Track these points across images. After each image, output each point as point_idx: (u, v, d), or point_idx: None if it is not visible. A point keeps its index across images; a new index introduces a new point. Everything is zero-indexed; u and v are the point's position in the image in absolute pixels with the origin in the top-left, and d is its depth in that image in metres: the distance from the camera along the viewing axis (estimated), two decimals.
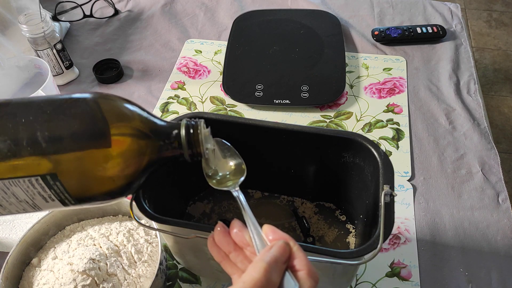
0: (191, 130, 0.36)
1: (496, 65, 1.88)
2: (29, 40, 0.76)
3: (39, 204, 0.34)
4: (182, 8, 1.00)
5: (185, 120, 0.36)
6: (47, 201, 0.34)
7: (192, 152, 0.36)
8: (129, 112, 0.35)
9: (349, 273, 0.47)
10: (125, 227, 0.54)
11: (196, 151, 0.36)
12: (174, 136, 0.36)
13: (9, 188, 0.32)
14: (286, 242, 0.33)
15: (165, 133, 0.36)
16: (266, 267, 0.31)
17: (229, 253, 0.37)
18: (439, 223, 0.61)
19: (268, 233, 0.35)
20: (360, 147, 0.49)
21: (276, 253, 0.32)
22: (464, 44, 0.88)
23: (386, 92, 0.80)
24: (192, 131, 0.36)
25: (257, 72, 0.81)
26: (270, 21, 0.91)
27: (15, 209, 0.35)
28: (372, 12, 0.96)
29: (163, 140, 0.35)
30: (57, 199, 0.34)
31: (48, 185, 0.32)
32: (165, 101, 0.80)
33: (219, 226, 0.37)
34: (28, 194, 0.33)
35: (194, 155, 0.36)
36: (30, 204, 0.34)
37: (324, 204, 0.60)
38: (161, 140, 0.35)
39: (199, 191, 0.62)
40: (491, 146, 0.70)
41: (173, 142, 0.36)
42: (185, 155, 0.36)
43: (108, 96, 0.35)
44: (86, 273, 0.48)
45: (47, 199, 0.34)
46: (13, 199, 0.34)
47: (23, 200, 0.34)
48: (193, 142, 0.36)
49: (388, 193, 0.42)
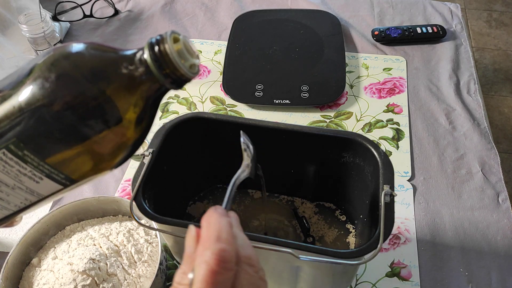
0: (156, 47, 0.27)
1: (496, 65, 1.88)
2: (29, 40, 0.76)
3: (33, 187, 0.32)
4: (182, 8, 1.00)
5: (149, 39, 0.28)
6: (36, 181, 0.31)
7: (171, 78, 0.28)
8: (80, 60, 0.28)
9: (349, 273, 0.47)
10: (125, 227, 0.54)
11: (175, 75, 0.28)
12: (139, 60, 0.28)
13: None
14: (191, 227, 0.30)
15: (127, 60, 0.28)
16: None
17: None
18: (439, 223, 0.61)
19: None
20: (360, 147, 0.49)
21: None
22: (464, 44, 0.88)
23: (386, 92, 0.80)
24: (158, 49, 0.27)
25: (257, 72, 0.81)
26: (270, 21, 0.91)
27: (18, 200, 0.33)
28: (372, 12, 0.96)
29: (126, 68, 0.28)
30: (44, 176, 0.30)
31: (19, 157, 0.29)
32: (165, 101, 0.80)
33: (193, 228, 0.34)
34: (11, 177, 0.30)
35: (176, 80, 0.28)
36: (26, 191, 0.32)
37: (324, 204, 0.60)
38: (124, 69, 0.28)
39: (199, 191, 0.62)
40: (491, 146, 0.70)
41: (139, 67, 0.28)
42: (163, 82, 0.28)
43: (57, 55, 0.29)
44: (86, 273, 0.48)
45: (34, 178, 0.31)
46: (4, 187, 0.31)
47: (15, 187, 0.31)
48: (166, 63, 0.27)
49: (388, 193, 0.42)
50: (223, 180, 0.62)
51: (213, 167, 0.58)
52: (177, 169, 0.55)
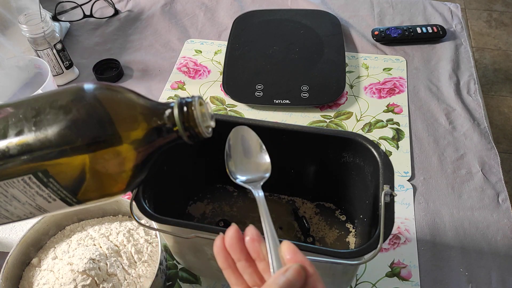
0: (185, 108, 0.32)
1: (496, 65, 1.88)
2: (29, 40, 0.76)
3: (43, 205, 0.34)
4: (182, 8, 1.00)
5: (179, 98, 0.33)
6: (49, 201, 0.33)
7: (190, 133, 0.33)
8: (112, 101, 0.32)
9: (349, 273, 0.47)
10: (125, 227, 0.54)
11: (194, 132, 0.33)
12: (168, 117, 0.33)
13: (7, 190, 0.32)
14: (302, 267, 0.30)
15: (157, 115, 0.33)
16: None
17: (238, 262, 0.33)
18: (439, 223, 0.61)
19: (286, 252, 0.31)
20: (360, 147, 0.49)
21: (291, 277, 0.29)
22: (464, 44, 0.88)
23: (386, 92, 0.80)
24: (186, 109, 0.32)
25: (257, 72, 0.81)
26: (270, 21, 0.91)
27: (22, 213, 0.34)
28: (372, 12, 0.96)
29: (155, 122, 0.32)
30: (58, 198, 0.33)
31: (43, 183, 0.32)
32: (165, 101, 0.80)
33: (233, 229, 0.33)
34: (27, 195, 0.33)
35: (193, 136, 0.33)
36: (34, 207, 0.34)
37: (324, 204, 0.60)
38: (154, 123, 0.32)
39: (199, 191, 0.62)
40: (491, 146, 0.70)
41: (167, 123, 0.32)
42: (182, 137, 0.33)
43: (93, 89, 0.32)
44: (86, 273, 0.48)
45: (48, 199, 0.33)
46: (15, 202, 0.33)
47: (25, 203, 0.33)
48: (189, 122, 0.32)
49: (388, 193, 0.42)
50: (223, 180, 0.62)
51: (213, 167, 0.58)
52: (177, 169, 0.55)
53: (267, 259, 0.32)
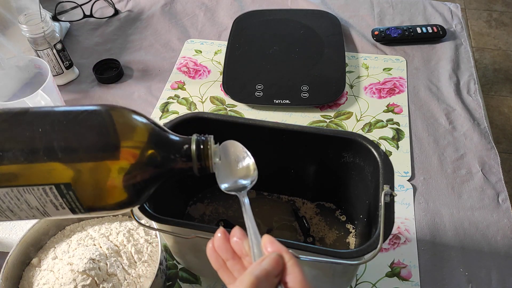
0: (201, 145, 0.37)
1: (496, 65, 1.88)
2: (29, 40, 0.76)
3: (49, 211, 0.35)
4: (182, 8, 1.00)
5: (195, 136, 0.38)
6: (58, 209, 0.35)
7: (201, 166, 0.38)
8: (141, 125, 0.36)
9: (349, 273, 0.47)
10: (125, 227, 0.54)
11: (205, 165, 0.38)
12: (185, 151, 0.37)
13: (22, 195, 0.33)
14: (279, 255, 0.32)
15: (176, 148, 0.37)
16: (253, 281, 0.30)
17: (227, 261, 0.36)
18: (439, 223, 0.61)
19: (267, 244, 0.34)
20: (360, 147, 0.49)
21: (267, 266, 0.31)
22: (464, 44, 0.88)
23: (386, 92, 0.80)
24: (202, 147, 0.37)
25: (257, 72, 0.81)
26: (270, 21, 0.91)
27: (24, 215, 0.36)
28: (372, 12, 0.96)
29: (173, 154, 0.37)
30: (68, 208, 0.35)
31: (61, 194, 0.33)
32: (165, 101, 0.80)
33: (220, 231, 0.36)
34: (40, 202, 0.34)
35: (203, 169, 0.38)
36: (40, 211, 0.35)
37: (324, 204, 0.60)
38: (171, 154, 0.37)
39: (199, 191, 0.62)
40: (491, 146, 0.70)
41: (184, 156, 0.37)
42: (194, 169, 0.38)
43: (122, 109, 0.36)
44: (86, 273, 0.48)
45: (58, 207, 0.35)
46: (24, 205, 0.34)
47: (34, 207, 0.35)
48: (203, 157, 0.37)
49: (388, 193, 0.42)
50: None
51: None
52: None
53: (250, 254, 0.34)
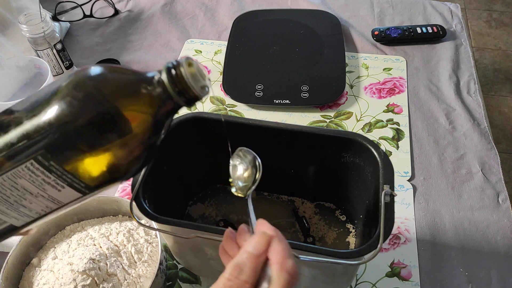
0: (173, 71, 0.32)
1: (496, 65, 1.88)
2: (29, 40, 0.76)
3: (55, 195, 0.34)
4: (182, 8, 1.00)
5: (166, 62, 0.32)
6: (58, 189, 0.34)
7: (186, 98, 0.32)
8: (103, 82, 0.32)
9: (349, 273, 0.47)
10: (125, 227, 0.54)
11: (189, 95, 0.32)
12: (157, 81, 0.32)
13: (16, 182, 0.33)
14: (263, 232, 0.33)
15: (146, 81, 0.32)
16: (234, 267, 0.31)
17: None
18: (439, 223, 0.61)
19: (258, 226, 0.35)
20: (360, 147, 0.49)
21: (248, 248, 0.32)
22: (464, 44, 0.88)
23: (386, 92, 0.80)
24: (174, 72, 0.32)
25: (257, 72, 0.81)
26: (270, 21, 0.91)
27: (39, 208, 0.35)
28: (372, 12, 0.96)
29: (146, 88, 0.32)
30: (66, 184, 0.33)
31: (45, 167, 0.32)
32: None
33: (227, 231, 0.38)
34: (36, 185, 0.33)
35: (190, 100, 0.33)
36: (47, 198, 0.34)
37: (324, 204, 0.60)
38: (144, 89, 0.32)
39: (199, 191, 0.62)
40: (491, 146, 0.70)
41: (157, 88, 0.32)
42: (179, 102, 0.33)
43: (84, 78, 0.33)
44: (86, 273, 0.48)
45: (56, 187, 0.33)
46: (28, 195, 0.34)
47: (38, 195, 0.34)
48: (181, 85, 0.32)
49: (388, 193, 0.42)
50: (223, 180, 0.62)
51: (213, 167, 0.58)
52: (177, 169, 0.55)
53: None
